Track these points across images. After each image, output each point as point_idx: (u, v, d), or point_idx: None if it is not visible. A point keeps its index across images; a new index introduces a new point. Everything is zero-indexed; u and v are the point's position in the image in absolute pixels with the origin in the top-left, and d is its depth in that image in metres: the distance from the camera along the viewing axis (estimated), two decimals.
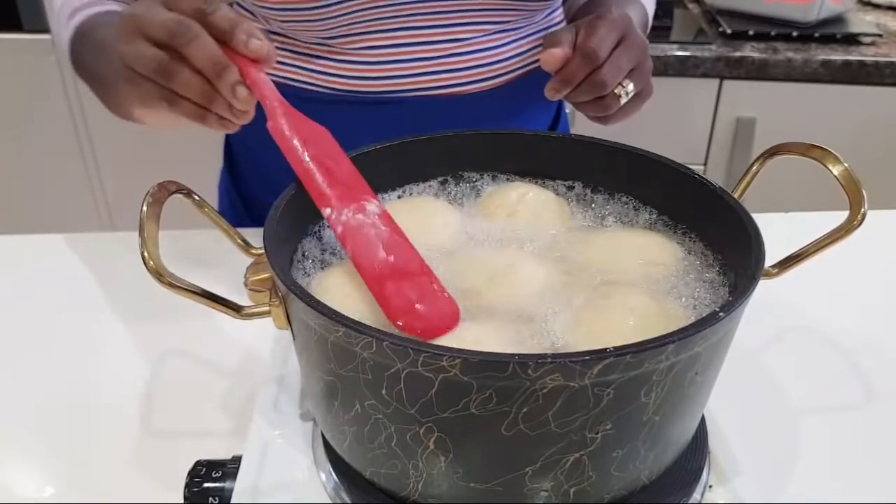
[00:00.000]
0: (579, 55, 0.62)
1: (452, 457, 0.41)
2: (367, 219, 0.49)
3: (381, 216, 0.50)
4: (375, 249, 0.48)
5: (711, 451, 0.52)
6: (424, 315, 0.45)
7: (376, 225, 0.49)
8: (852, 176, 0.48)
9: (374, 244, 0.48)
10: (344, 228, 0.48)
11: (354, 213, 0.49)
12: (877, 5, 1.82)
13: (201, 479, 0.49)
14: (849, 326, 0.69)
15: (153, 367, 0.65)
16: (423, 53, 0.74)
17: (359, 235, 0.48)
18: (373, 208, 0.50)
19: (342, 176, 0.51)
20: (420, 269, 0.48)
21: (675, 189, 0.56)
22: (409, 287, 0.46)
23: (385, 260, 0.47)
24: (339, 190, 0.50)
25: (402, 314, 0.45)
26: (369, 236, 0.48)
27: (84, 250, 0.84)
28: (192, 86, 0.49)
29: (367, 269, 0.47)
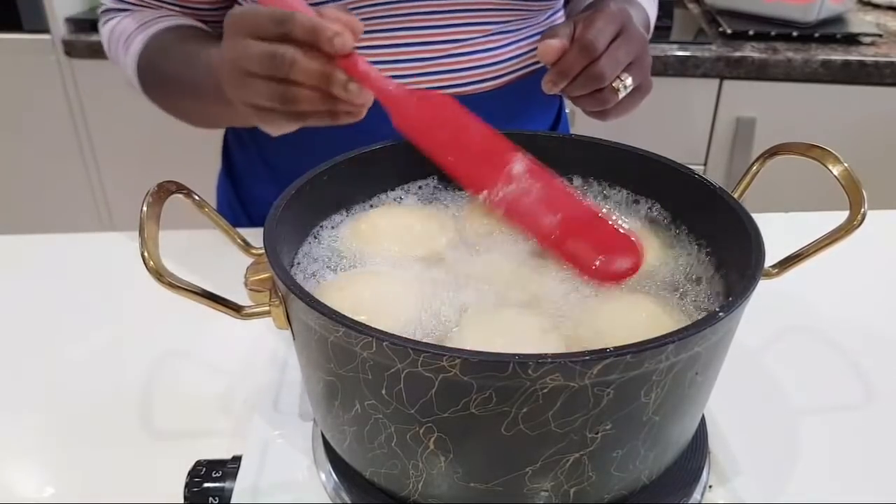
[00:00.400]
0: (576, 47, 0.62)
1: (452, 457, 0.41)
2: (518, 186, 0.51)
3: (529, 173, 0.52)
4: (541, 216, 0.50)
5: (711, 451, 0.52)
6: (609, 261, 0.49)
7: (529, 188, 0.51)
8: (852, 176, 0.48)
9: (537, 211, 0.50)
10: (506, 208, 0.51)
11: (504, 187, 0.51)
12: (877, 5, 1.82)
13: (201, 479, 0.49)
14: (849, 326, 0.69)
15: (153, 367, 0.65)
16: (423, 54, 0.74)
17: (520, 209, 0.51)
18: (518, 169, 0.52)
19: (477, 146, 0.52)
20: (587, 213, 0.51)
21: (675, 189, 0.56)
22: (586, 239, 0.50)
23: (553, 221, 0.50)
24: (482, 167, 0.51)
25: (591, 267, 0.49)
26: (528, 205, 0.51)
27: (84, 250, 0.84)
28: (313, 100, 0.52)
29: (544, 238, 0.50)
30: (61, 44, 1.63)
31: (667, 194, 0.57)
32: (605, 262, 0.49)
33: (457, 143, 0.52)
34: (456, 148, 0.52)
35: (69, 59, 1.65)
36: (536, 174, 0.52)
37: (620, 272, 0.49)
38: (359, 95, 0.51)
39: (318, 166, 0.54)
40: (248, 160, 0.89)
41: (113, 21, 0.80)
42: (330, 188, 0.56)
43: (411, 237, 0.53)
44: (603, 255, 0.49)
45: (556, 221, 0.50)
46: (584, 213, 0.51)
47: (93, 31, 1.64)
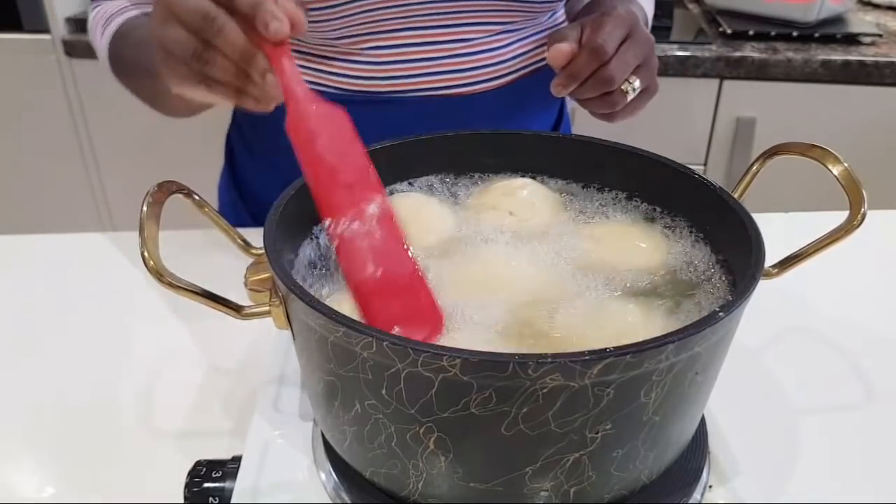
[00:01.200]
0: (586, 50, 0.62)
1: (452, 457, 0.41)
2: (362, 227, 0.48)
3: (380, 218, 0.49)
4: (364, 264, 0.47)
5: (711, 451, 0.52)
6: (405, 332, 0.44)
7: (371, 233, 0.48)
8: (852, 176, 0.48)
9: (364, 258, 0.47)
10: (339, 242, 0.48)
11: (350, 222, 0.48)
12: (877, 5, 1.82)
13: (201, 479, 0.49)
14: (849, 326, 0.69)
15: (153, 367, 0.65)
16: (427, 53, 0.75)
17: (351, 249, 0.47)
18: (372, 210, 0.49)
19: (346, 174, 0.50)
20: (409, 280, 0.48)
21: (675, 189, 0.56)
22: (392, 304, 0.46)
23: (372, 275, 0.47)
24: (340, 195, 0.49)
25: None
26: (360, 249, 0.48)
27: (84, 250, 0.84)
28: (226, 71, 0.50)
29: (354, 285, 0.47)
30: (61, 44, 1.63)
31: (667, 194, 0.57)
32: (402, 331, 0.45)
33: (329, 160, 0.50)
34: (325, 166, 0.49)
35: (69, 59, 1.65)
36: (385, 222, 0.49)
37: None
38: (273, 88, 0.50)
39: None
40: (251, 159, 0.89)
41: (98, 8, 0.80)
42: None
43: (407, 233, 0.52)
44: (401, 323, 0.45)
45: (372, 276, 0.47)
46: (406, 276, 0.48)
47: None
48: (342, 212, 0.48)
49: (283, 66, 0.49)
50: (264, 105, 0.52)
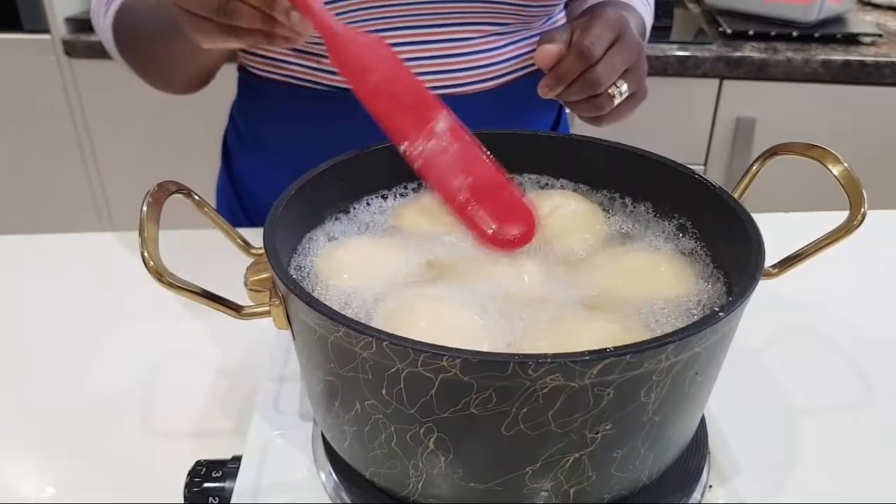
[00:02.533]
0: (573, 53, 0.62)
1: (452, 457, 0.41)
2: (437, 144, 0.53)
3: (450, 131, 0.53)
4: (451, 177, 0.52)
5: (711, 451, 0.52)
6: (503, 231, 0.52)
7: (447, 147, 0.53)
8: (852, 176, 0.48)
9: (448, 172, 0.53)
10: (422, 163, 0.52)
11: (425, 142, 0.53)
12: (877, 5, 1.82)
13: (201, 479, 0.49)
14: (849, 326, 0.69)
15: (153, 367, 0.65)
16: (421, 53, 0.75)
17: (434, 166, 0.53)
18: (441, 126, 0.53)
19: (406, 96, 0.54)
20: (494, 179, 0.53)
21: (675, 189, 0.56)
22: (487, 205, 0.52)
23: (461, 184, 0.52)
24: (407, 118, 0.53)
25: (486, 233, 0.52)
26: (442, 164, 0.53)
27: (84, 250, 0.84)
28: (252, 17, 0.52)
29: (449, 199, 0.52)
30: (61, 44, 1.63)
31: (667, 194, 0.57)
32: (499, 229, 0.52)
33: (387, 89, 0.53)
34: (385, 94, 0.53)
35: (69, 59, 1.65)
36: (456, 134, 0.54)
37: (511, 240, 0.52)
38: (299, 24, 0.52)
39: (318, 166, 0.54)
40: (248, 160, 0.89)
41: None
42: (330, 188, 0.56)
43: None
44: (498, 222, 0.52)
45: (464, 184, 0.52)
46: (491, 179, 0.54)
47: (93, 31, 1.64)
48: (413, 134, 0.53)
49: (309, 3, 0.52)
50: (294, 41, 0.54)
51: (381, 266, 0.52)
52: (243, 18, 0.52)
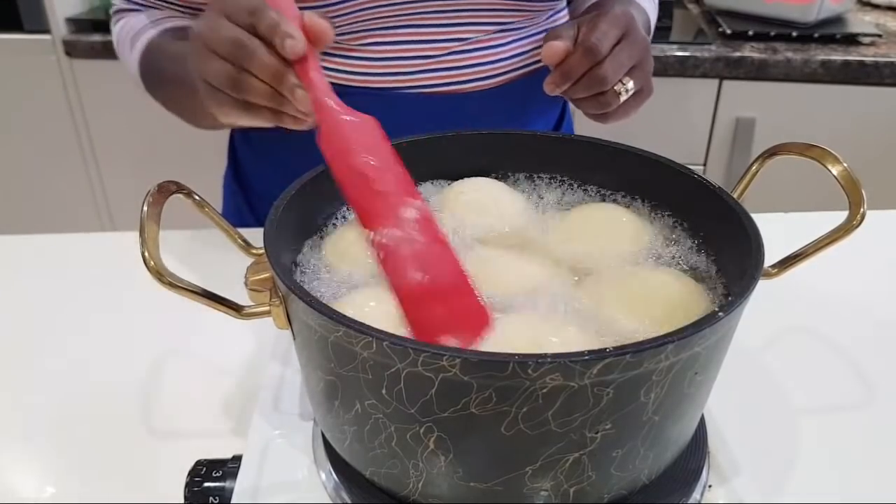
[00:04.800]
0: (581, 49, 0.62)
1: (452, 456, 0.41)
2: (403, 234, 0.49)
3: (419, 221, 0.49)
4: (409, 272, 0.47)
5: (711, 451, 0.52)
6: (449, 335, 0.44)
7: (413, 239, 0.49)
8: (852, 176, 0.48)
9: (408, 266, 0.48)
10: (384, 253, 0.48)
11: (390, 231, 0.48)
12: (876, 5, 1.82)
13: (201, 479, 0.49)
14: (849, 326, 0.69)
15: (153, 367, 0.65)
16: (425, 51, 0.75)
17: (395, 258, 0.48)
18: (410, 214, 0.49)
19: (378, 183, 0.50)
20: (454, 283, 0.47)
21: (675, 189, 0.56)
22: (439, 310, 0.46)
23: (419, 283, 0.47)
24: (376, 205, 0.49)
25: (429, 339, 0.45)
26: (404, 257, 0.48)
27: (84, 250, 0.84)
28: (262, 94, 0.52)
29: (400, 293, 0.47)
30: (61, 44, 1.64)
31: (667, 194, 0.57)
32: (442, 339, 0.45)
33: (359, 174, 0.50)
34: (358, 179, 0.50)
35: (69, 59, 1.65)
36: (424, 224, 0.50)
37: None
38: (302, 102, 0.51)
39: (318, 166, 0.55)
40: (254, 159, 0.89)
41: (123, 20, 0.81)
42: (331, 187, 0.56)
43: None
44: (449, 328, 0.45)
45: (422, 282, 0.47)
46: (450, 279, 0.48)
47: (93, 30, 1.64)
48: (381, 221, 0.49)
49: (311, 79, 0.51)
50: (301, 122, 0.54)
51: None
52: (254, 93, 0.52)
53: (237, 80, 0.52)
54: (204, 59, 0.54)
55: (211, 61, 0.53)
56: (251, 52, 0.51)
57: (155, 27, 0.77)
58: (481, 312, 0.46)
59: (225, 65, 0.52)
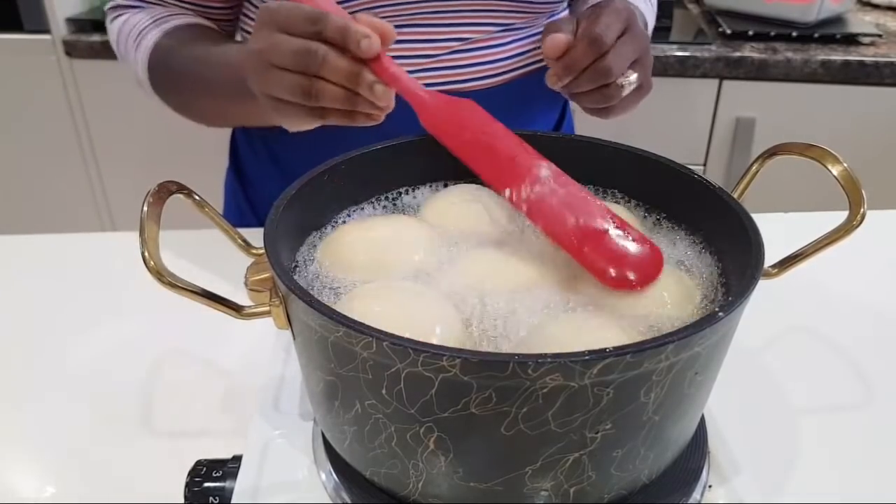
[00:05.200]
0: (584, 41, 0.61)
1: (452, 456, 0.41)
2: (544, 188, 0.52)
3: (555, 177, 0.53)
4: (564, 218, 0.51)
5: (711, 451, 0.52)
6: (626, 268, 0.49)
7: (554, 190, 0.52)
8: (852, 176, 0.48)
9: (561, 213, 0.51)
10: (528, 206, 0.51)
11: (532, 186, 0.52)
12: (876, 5, 1.82)
13: (201, 479, 0.49)
14: (849, 326, 0.69)
15: (153, 367, 0.65)
16: (426, 51, 0.75)
17: (544, 208, 0.51)
18: (544, 172, 0.53)
19: (503, 148, 0.54)
20: (609, 219, 0.51)
21: (675, 189, 0.56)
22: (605, 246, 0.50)
23: (575, 225, 0.50)
24: (507, 167, 0.53)
25: (607, 275, 0.49)
26: (553, 206, 0.51)
27: (84, 250, 0.84)
28: (337, 97, 0.53)
29: (564, 241, 0.50)
30: (61, 44, 1.63)
31: (667, 194, 0.57)
32: (620, 271, 0.49)
33: (482, 144, 0.53)
34: (481, 149, 0.53)
35: (69, 59, 1.65)
36: (561, 178, 0.53)
37: (634, 281, 0.49)
38: (383, 97, 0.52)
39: (318, 166, 0.55)
40: (256, 159, 0.89)
41: (122, 17, 0.80)
42: (331, 188, 0.56)
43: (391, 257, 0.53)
44: (618, 264, 0.49)
45: (576, 226, 0.50)
46: (605, 220, 0.51)
47: (93, 31, 1.64)
48: (518, 181, 0.52)
49: (394, 72, 0.53)
50: (376, 117, 0.55)
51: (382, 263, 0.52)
52: (329, 98, 0.52)
53: (309, 88, 0.52)
54: (268, 76, 0.54)
55: (277, 76, 0.53)
56: (321, 57, 0.51)
57: (159, 26, 0.76)
58: (649, 244, 0.50)
59: (294, 76, 0.52)
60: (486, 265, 0.51)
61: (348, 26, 0.51)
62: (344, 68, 0.51)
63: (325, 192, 0.55)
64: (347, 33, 0.50)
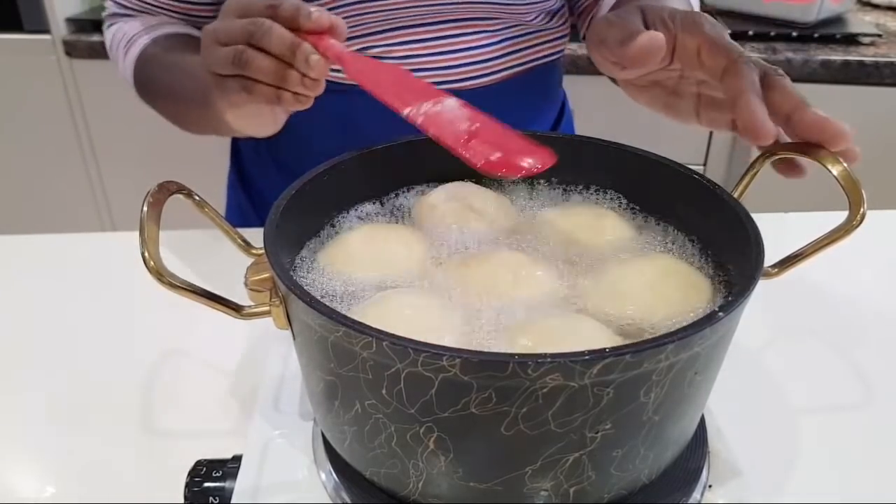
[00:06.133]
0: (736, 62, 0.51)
1: (452, 456, 0.41)
2: (445, 109, 0.51)
3: (462, 106, 0.52)
4: (460, 123, 0.50)
5: (711, 451, 0.52)
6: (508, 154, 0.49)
7: (457, 111, 0.51)
8: (851, 176, 0.48)
9: (459, 121, 0.50)
10: (424, 118, 0.50)
11: (433, 105, 0.51)
12: (876, 5, 1.82)
13: (201, 479, 0.49)
14: (849, 326, 0.69)
15: (153, 367, 0.65)
16: (412, 51, 0.76)
17: (440, 118, 0.50)
18: (451, 102, 0.52)
19: (419, 87, 0.54)
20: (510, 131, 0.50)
21: (675, 189, 0.56)
22: (495, 139, 0.49)
23: (471, 128, 0.50)
24: (416, 95, 0.52)
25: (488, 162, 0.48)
26: (451, 117, 0.51)
27: (84, 250, 0.84)
28: (266, 68, 0.52)
29: (451, 138, 0.49)
30: (61, 44, 1.64)
31: (667, 194, 0.57)
32: (505, 156, 0.49)
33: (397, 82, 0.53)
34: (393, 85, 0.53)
35: (69, 59, 1.65)
36: (468, 107, 0.52)
37: (520, 165, 0.49)
38: (317, 67, 0.52)
39: (318, 166, 0.55)
40: (258, 159, 0.90)
41: (116, 25, 0.82)
42: (331, 188, 0.56)
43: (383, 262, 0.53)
44: (505, 152, 0.49)
45: (471, 129, 0.50)
46: (501, 128, 0.51)
47: (93, 30, 1.64)
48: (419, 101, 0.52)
49: (331, 44, 0.53)
50: (303, 100, 0.54)
51: (382, 263, 0.52)
52: (257, 69, 0.52)
53: (241, 55, 0.52)
54: (212, 50, 0.54)
55: (218, 50, 0.54)
56: (267, 28, 0.51)
57: (148, 34, 0.77)
58: (541, 148, 0.49)
59: (231, 48, 0.53)
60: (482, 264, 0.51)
61: (299, 5, 0.52)
62: (285, 37, 0.51)
63: (325, 192, 0.55)
64: (300, 9, 0.51)
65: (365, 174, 0.58)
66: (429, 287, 0.50)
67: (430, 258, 0.53)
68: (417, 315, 0.45)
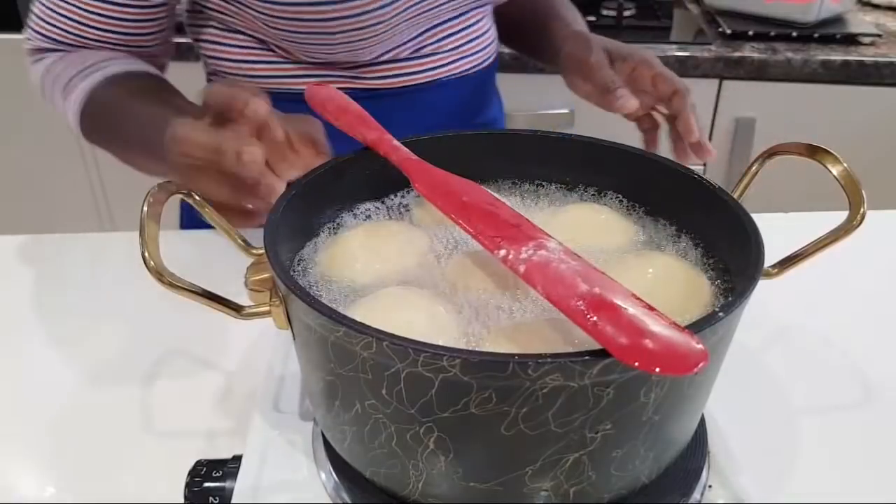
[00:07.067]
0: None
1: (452, 456, 0.41)
2: (551, 255, 0.43)
3: (565, 252, 0.44)
4: (574, 282, 0.40)
5: (711, 451, 0.52)
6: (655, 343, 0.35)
7: (564, 260, 0.42)
8: (852, 176, 0.48)
9: (570, 277, 0.40)
10: (527, 266, 0.42)
11: (535, 250, 0.43)
12: (876, 5, 1.82)
13: (201, 479, 0.49)
14: (849, 326, 0.69)
15: (153, 367, 0.65)
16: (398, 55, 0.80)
17: (548, 270, 0.41)
18: (553, 245, 0.44)
19: (507, 217, 0.47)
20: (630, 297, 0.39)
21: (674, 189, 0.56)
22: (621, 316, 0.37)
23: (589, 292, 0.39)
24: (509, 231, 0.45)
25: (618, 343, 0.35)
26: (560, 270, 0.41)
27: (84, 250, 0.84)
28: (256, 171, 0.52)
29: (565, 305, 0.39)
30: None
31: (667, 194, 0.57)
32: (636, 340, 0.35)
33: (481, 207, 0.48)
34: (479, 210, 0.48)
35: None
36: (573, 255, 0.43)
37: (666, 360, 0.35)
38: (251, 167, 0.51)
39: (318, 166, 0.55)
40: None
41: (45, 62, 0.79)
42: (331, 187, 0.56)
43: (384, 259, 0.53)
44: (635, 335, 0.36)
45: (589, 293, 0.39)
46: (627, 296, 0.39)
47: None
48: (518, 243, 0.44)
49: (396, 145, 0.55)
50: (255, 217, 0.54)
51: (382, 262, 0.52)
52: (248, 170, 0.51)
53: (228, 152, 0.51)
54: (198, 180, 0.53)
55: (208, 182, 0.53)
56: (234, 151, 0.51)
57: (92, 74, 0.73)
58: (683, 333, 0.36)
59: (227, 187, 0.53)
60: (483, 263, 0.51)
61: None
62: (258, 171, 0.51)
63: (325, 193, 0.55)
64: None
65: (365, 174, 0.58)
66: (429, 286, 0.50)
67: (430, 257, 0.54)
68: (418, 314, 0.45)
